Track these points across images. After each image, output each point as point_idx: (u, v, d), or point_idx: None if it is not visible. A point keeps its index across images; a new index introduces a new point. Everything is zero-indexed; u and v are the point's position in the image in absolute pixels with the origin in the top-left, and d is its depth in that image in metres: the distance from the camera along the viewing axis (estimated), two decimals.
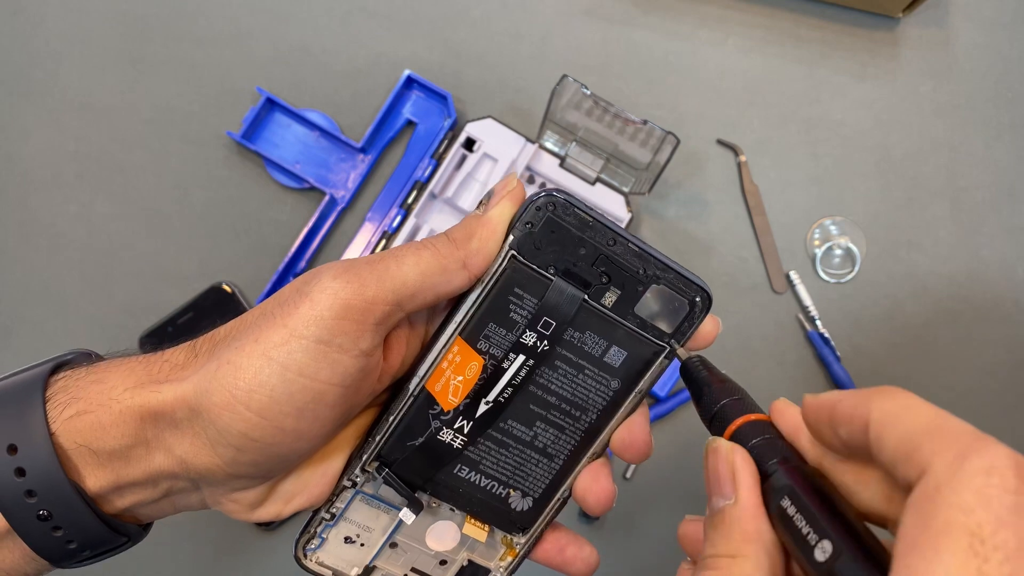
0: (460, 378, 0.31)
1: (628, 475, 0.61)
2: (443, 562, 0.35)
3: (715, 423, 0.29)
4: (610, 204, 0.60)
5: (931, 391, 0.62)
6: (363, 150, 0.62)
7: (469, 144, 0.60)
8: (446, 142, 0.62)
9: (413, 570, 0.35)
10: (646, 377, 0.32)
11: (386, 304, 0.29)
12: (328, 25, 0.64)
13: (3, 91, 0.63)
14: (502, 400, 0.32)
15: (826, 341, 0.61)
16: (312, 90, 0.63)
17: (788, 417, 0.27)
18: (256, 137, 0.62)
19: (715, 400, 0.29)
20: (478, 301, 0.31)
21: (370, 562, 0.35)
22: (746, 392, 0.29)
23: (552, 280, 0.31)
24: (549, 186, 0.60)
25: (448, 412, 0.32)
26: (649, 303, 0.31)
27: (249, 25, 0.64)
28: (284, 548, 0.60)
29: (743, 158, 0.63)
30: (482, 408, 0.32)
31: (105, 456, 0.29)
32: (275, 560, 0.60)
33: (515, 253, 0.30)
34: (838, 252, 0.63)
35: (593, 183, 0.60)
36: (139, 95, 0.64)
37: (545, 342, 0.31)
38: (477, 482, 0.34)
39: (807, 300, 0.62)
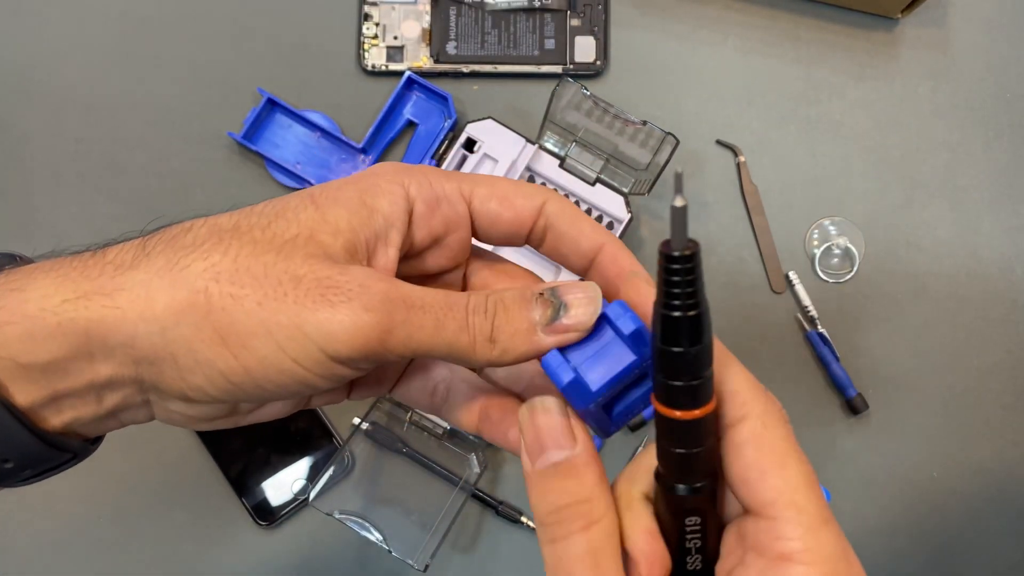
0: None
1: None
2: None
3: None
4: (610, 204, 0.60)
5: (930, 391, 0.62)
6: (364, 151, 0.62)
7: (469, 145, 0.61)
8: (446, 143, 0.62)
9: None
10: None
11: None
12: (329, 25, 0.64)
13: (3, 91, 0.63)
14: None
15: (825, 341, 0.62)
16: (313, 90, 0.63)
17: None
18: (257, 138, 0.62)
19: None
20: None
21: None
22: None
23: None
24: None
25: None
26: None
27: (249, 25, 0.64)
28: (284, 548, 0.61)
29: (742, 158, 0.63)
30: None
31: (37, 369, 0.25)
32: (275, 560, 0.60)
33: None
34: (837, 252, 0.63)
35: (593, 183, 0.60)
36: (140, 95, 0.64)
37: None
38: None
39: (806, 300, 0.62)
